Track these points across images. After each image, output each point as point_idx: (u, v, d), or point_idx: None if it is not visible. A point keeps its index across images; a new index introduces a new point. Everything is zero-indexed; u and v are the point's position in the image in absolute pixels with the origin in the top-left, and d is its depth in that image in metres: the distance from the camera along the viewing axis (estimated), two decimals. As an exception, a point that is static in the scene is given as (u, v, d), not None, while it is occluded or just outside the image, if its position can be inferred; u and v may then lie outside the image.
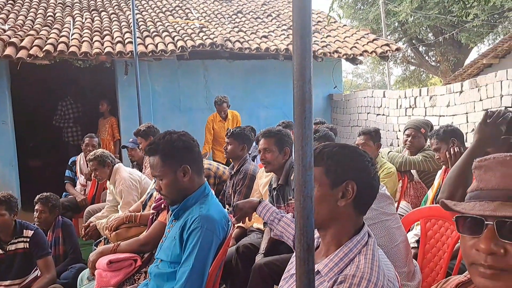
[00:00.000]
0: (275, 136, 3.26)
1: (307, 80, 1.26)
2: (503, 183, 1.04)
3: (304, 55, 1.28)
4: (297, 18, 1.27)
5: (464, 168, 2.12)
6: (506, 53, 15.05)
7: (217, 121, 6.82)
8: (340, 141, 8.17)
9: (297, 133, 1.28)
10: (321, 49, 7.79)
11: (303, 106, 1.26)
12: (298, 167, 1.28)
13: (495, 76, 4.45)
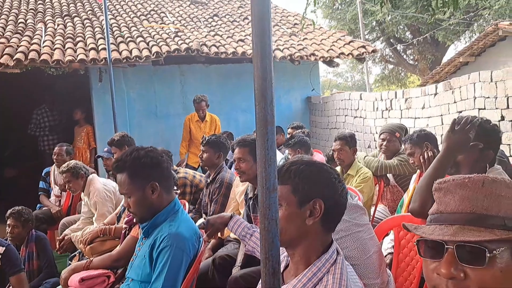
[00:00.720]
0: (250, 145, 3.22)
1: (269, 101, 1.24)
2: (462, 206, 1.03)
3: (265, 76, 1.25)
4: (257, 51, 1.23)
5: (434, 177, 2.12)
6: (482, 51, 15.32)
7: (194, 121, 6.73)
8: (319, 143, 8.19)
9: (260, 155, 1.25)
10: (298, 52, 7.79)
11: (265, 128, 1.23)
12: (262, 190, 1.25)
13: (468, 78, 4.51)
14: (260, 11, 1.22)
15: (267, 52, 1.25)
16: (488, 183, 1.04)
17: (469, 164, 2.21)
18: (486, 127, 2.22)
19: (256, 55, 1.25)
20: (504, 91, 4.02)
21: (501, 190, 1.03)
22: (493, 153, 2.23)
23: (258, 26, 1.24)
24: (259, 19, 1.23)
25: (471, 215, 1.01)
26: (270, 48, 1.26)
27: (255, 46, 1.25)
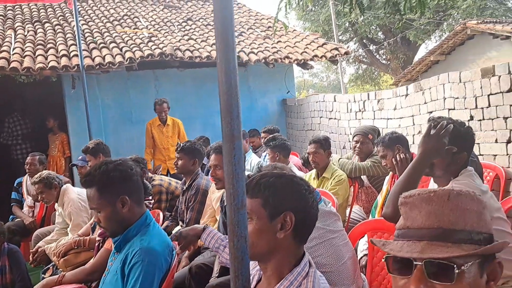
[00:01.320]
0: None
1: (235, 116, 1.24)
2: (428, 221, 1.04)
3: (230, 91, 1.25)
4: (221, 66, 1.23)
5: (408, 182, 2.15)
6: (452, 50, 15.63)
7: (156, 125, 6.66)
8: (296, 145, 8.23)
9: (227, 171, 1.25)
10: (272, 55, 7.82)
11: (232, 144, 1.23)
12: (230, 207, 1.25)
13: (438, 79, 4.59)
14: (224, 27, 1.22)
15: (232, 66, 1.25)
16: (453, 196, 1.05)
17: (442, 167, 2.25)
18: (460, 131, 2.26)
19: (220, 70, 1.25)
20: (472, 91, 4.11)
21: (466, 203, 1.05)
22: (467, 156, 2.27)
23: (221, 40, 1.24)
24: (222, 35, 1.23)
25: (438, 231, 1.02)
26: (235, 62, 1.26)
27: (219, 60, 1.26)
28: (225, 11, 1.22)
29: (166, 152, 6.61)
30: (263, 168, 2.28)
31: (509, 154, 3.84)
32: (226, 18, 1.23)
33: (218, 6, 1.22)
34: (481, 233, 1.03)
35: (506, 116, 3.80)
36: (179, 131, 6.74)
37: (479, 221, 1.04)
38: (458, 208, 1.04)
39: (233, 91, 1.24)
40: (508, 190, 3.88)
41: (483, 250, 0.99)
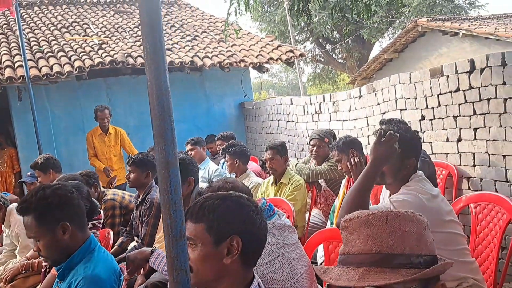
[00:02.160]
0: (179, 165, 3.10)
1: (169, 141, 1.16)
2: (367, 246, 1.01)
3: (163, 115, 1.17)
4: (152, 89, 1.14)
5: (360, 191, 2.14)
6: (404, 47, 16.03)
7: (97, 134, 6.38)
8: (256, 148, 8.19)
9: (164, 201, 1.17)
10: (227, 59, 7.75)
11: (167, 171, 1.15)
12: (168, 238, 1.17)
13: (389, 81, 4.65)
14: (154, 48, 1.14)
15: (164, 88, 1.17)
16: (391, 219, 1.02)
17: (392, 173, 2.25)
18: (406, 137, 2.27)
19: (151, 93, 1.17)
20: (423, 91, 4.17)
21: (404, 225, 1.02)
22: (415, 161, 2.28)
23: (151, 61, 1.16)
24: (152, 55, 1.15)
25: (377, 256, 0.99)
26: (167, 83, 1.18)
27: (149, 82, 1.18)
28: (154, 36, 1.14)
29: (109, 163, 6.35)
30: (214, 183, 2.21)
31: (460, 152, 3.92)
32: (155, 42, 1.15)
33: (145, 31, 1.13)
34: (421, 256, 1.00)
35: (456, 115, 3.88)
36: (123, 141, 6.51)
37: (419, 243, 1.02)
38: (397, 230, 1.01)
39: (166, 114, 1.16)
40: (460, 187, 3.96)
41: (422, 274, 0.97)
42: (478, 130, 3.69)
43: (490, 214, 2.68)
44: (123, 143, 6.48)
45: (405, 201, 2.12)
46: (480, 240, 2.72)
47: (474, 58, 3.67)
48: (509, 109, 3.39)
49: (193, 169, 3.14)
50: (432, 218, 2.14)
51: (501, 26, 13.11)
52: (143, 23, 1.15)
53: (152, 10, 1.15)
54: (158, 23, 1.17)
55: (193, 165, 3.19)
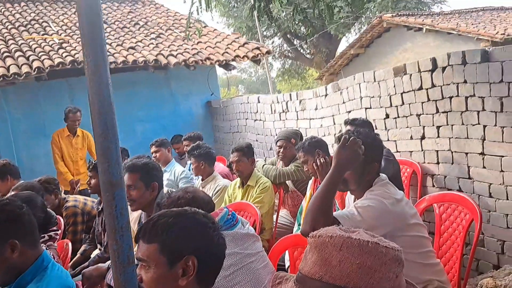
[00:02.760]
0: (141, 170, 2.97)
1: (114, 161, 1.08)
2: (312, 270, 0.96)
3: (106, 133, 1.09)
4: (94, 105, 1.06)
5: (324, 197, 2.09)
6: (370, 43, 16.22)
7: (64, 136, 6.15)
8: (224, 148, 8.10)
9: (109, 226, 1.09)
10: (193, 57, 7.62)
11: (112, 194, 1.08)
12: (115, 264, 1.09)
13: (354, 79, 4.65)
14: (95, 66, 1.06)
15: (106, 105, 1.09)
16: (346, 246, 0.95)
17: (355, 179, 2.23)
18: (368, 141, 2.24)
19: (93, 110, 1.09)
20: (387, 90, 4.19)
21: (358, 257, 0.94)
22: (378, 165, 2.25)
23: (93, 79, 1.07)
24: (94, 72, 1.07)
25: (317, 283, 0.94)
26: (110, 99, 1.10)
27: (91, 98, 1.09)
28: (94, 45, 1.05)
29: (75, 166, 6.15)
30: (173, 193, 2.13)
31: (423, 150, 3.96)
32: (96, 51, 1.06)
33: (85, 40, 1.05)
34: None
35: (419, 113, 3.91)
36: (90, 144, 6.32)
37: (370, 279, 0.92)
38: (347, 261, 0.93)
39: (110, 132, 1.08)
40: (424, 185, 4.00)
41: None
42: (441, 128, 3.73)
43: (454, 214, 2.70)
44: (90, 146, 6.29)
45: (369, 207, 2.09)
46: (444, 239, 2.74)
47: (436, 56, 3.70)
48: (471, 107, 3.43)
49: (157, 174, 3.03)
50: (397, 222, 2.14)
51: (462, 21, 13.41)
52: (83, 34, 1.07)
53: (93, 14, 1.07)
54: (99, 31, 1.09)
55: (156, 169, 3.08)
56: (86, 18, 1.06)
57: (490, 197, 3.41)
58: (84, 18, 1.06)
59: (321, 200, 2.08)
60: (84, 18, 1.06)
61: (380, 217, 2.09)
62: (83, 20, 1.06)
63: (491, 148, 3.33)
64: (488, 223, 3.46)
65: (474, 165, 3.50)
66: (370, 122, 3.96)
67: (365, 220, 2.06)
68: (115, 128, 1.08)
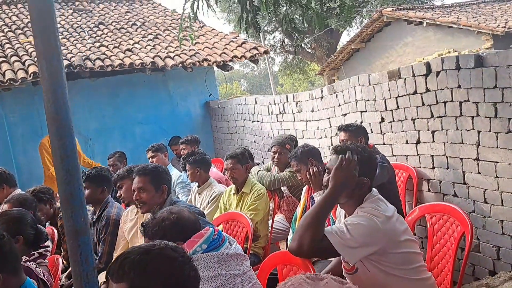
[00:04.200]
0: (151, 173, 3.00)
1: (77, 207, 1.06)
2: None
3: (70, 179, 1.06)
4: (55, 151, 1.04)
5: (316, 217, 2.08)
6: (371, 37, 16.13)
7: None
8: (223, 148, 8.08)
9: (74, 273, 1.07)
10: (190, 58, 7.59)
11: (77, 241, 1.05)
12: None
13: (349, 82, 4.60)
14: (56, 114, 1.03)
15: (69, 150, 1.06)
16: None
17: (346, 193, 2.20)
18: (364, 156, 2.22)
19: (55, 155, 1.06)
20: (381, 94, 4.14)
21: None
22: (369, 181, 2.22)
23: (53, 123, 1.05)
24: (52, 115, 1.04)
25: None
26: (73, 144, 1.07)
27: (53, 144, 1.06)
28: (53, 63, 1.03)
29: None
30: (158, 214, 2.10)
31: (419, 155, 3.92)
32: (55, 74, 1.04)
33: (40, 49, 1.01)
34: None
35: (414, 117, 3.87)
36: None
37: None
38: None
39: (73, 178, 1.05)
40: (420, 189, 3.96)
41: None
42: (436, 133, 3.69)
43: (445, 225, 2.67)
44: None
45: (359, 225, 2.07)
46: (437, 250, 2.71)
47: (430, 61, 3.65)
48: (465, 112, 3.39)
49: (165, 177, 3.06)
50: (387, 240, 2.11)
51: (463, 14, 13.29)
52: (37, 46, 1.03)
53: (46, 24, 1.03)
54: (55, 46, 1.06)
55: (166, 173, 3.10)
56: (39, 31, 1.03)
57: (485, 202, 3.37)
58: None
59: (312, 219, 2.07)
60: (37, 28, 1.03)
61: (370, 236, 2.06)
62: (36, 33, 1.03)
63: (485, 154, 3.29)
64: (484, 228, 3.43)
65: (469, 170, 3.46)
66: (364, 128, 3.92)
67: (354, 238, 2.04)
68: (79, 173, 1.05)
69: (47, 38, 1.02)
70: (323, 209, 2.10)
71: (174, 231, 2.00)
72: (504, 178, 3.18)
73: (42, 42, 1.00)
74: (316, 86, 34.94)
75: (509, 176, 3.13)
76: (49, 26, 1.01)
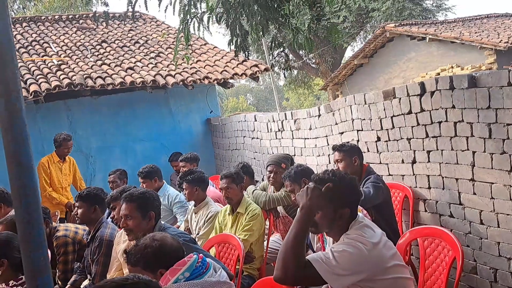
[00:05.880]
0: (138, 200, 2.96)
1: (36, 218, 1.03)
2: None
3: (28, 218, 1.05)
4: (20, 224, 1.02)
5: (294, 241, 2.06)
6: (374, 53, 16.17)
7: (55, 161, 6.09)
8: (223, 164, 8.08)
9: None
10: (191, 76, 7.63)
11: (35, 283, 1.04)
12: None
13: (345, 101, 4.60)
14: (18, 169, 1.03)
15: (29, 190, 1.06)
16: None
17: (326, 224, 2.18)
18: (340, 186, 2.18)
19: (16, 200, 1.05)
20: (377, 113, 4.13)
21: None
22: (350, 211, 2.19)
23: (15, 171, 1.04)
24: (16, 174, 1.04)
25: None
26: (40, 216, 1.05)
27: (10, 176, 1.06)
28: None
29: (64, 192, 6.12)
30: (141, 240, 2.09)
31: (415, 174, 3.89)
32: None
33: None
34: None
35: (409, 137, 3.85)
36: (75, 170, 6.33)
37: None
38: None
39: (33, 217, 1.04)
40: (417, 209, 3.93)
41: None
42: (431, 153, 3.67)
43: (437, 249, 2.64)
44: (75, 172, 6.31)
45: (345, 252, 2.04)
46: (429, 275, 2.67)
47: (424, 81, 3.65)
48: (459, 132, 3.37)
49: (153, 203, 3.02)
50: (374, 267, 2.08)
51: (466, 30, 13.30)
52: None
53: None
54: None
55: (153, 199, 3.06)
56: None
57: (482, 224, 3.33)
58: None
59: (291, 244, 2.05)
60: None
61: (356, 263, 2.03)
62: None
63: (480, 175, 3.26)
64: (480, 250, 3.38)
65: (465, 191, 3.43)
66: (358, 148, 3.90)
67: (340, 265, 2.01)
68: (38, 212, 1.05)
69: (6, 72, 1.01)
70: (299, 232, 2.07)
71: (156, 258, 1.98)
72: (500, 199, 3.14)
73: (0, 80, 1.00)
74: (322, 100, 35.00)
75: (505, 198, 3.10)
76: (7, 58, 1.01)
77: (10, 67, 1.01)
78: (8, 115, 1.01)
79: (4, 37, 1.01)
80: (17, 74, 1.03)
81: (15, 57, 1.03)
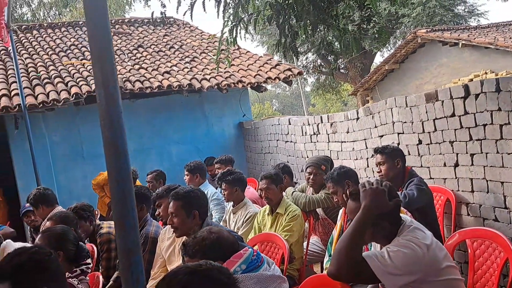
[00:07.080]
0: (183, 199, 3.03)
1: (129, 201, 1.09)
2: None
3: (123, 199, 1.12)
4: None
5: (354, 237, 2.07)
6: (405, 58, 15.99)
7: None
8: (256, 168, 8.12)
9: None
10: (225, 80, 7.73)
11: (129, 260, 1.10)
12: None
13: (385, 104, 4.59)
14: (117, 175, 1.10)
15: (124, 173, 1.12)
16: None
17: (369, 238, 2.22)
18: None
19: (111, 180, 1.12)
20: (419, 116, 4.11)
21: None
22: (389, 224, 2.19)
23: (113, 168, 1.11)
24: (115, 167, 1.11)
25: None
26: (128, 169, 1.13)
27: (108, 160, 1.12)
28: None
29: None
30: (199, 233, 2.15)
31: (457, 178, 3.85)
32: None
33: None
34: None
35: (452, 140, 3.81)
36: None
37: None
38: None
39: (127, 199, 1.11)
40: (459, 213, 3.88)
41: None
42: (475, 156, 3.63)
43: (488, 251, 2.61)
44: None
45: (400, 252, 2.05)
46: (478, 277, 2.64)
47: (468, 83, 3.61)
48: (506, 135, 3.32)
49: (198, 202, 3.06)
50: (428, 268, 2.07)
51: (500, 35, 13.04)
52: (95, 73, 1.09)
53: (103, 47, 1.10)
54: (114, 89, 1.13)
55: (199, 198, 3.10)
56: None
57: (529, 228, 3.28)
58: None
59: (347, 242, 2.06)
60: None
61: (410, 263, 2.03)
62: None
63: (528, 178, 3.21)
64: (527, 255, 3.32)
65: (511, 194, 3.37)
66: (401, 150, 3.89)
67: (394, 265, 2.01)
68: (132, 195, 1.11)
69: (104, 66, 1.08)
70: (358, 230, 2.08)
71: (214, 250, 2.03)
72: (548, 203, 3.08)
73: (99, 69, 1.07)
74: (349, 106, 34.71)
75: (554, 202, 3.04)
76: (106, 54, 1.08)
77: (108, 60, 1.08)
78: (106, 103, 1.08)
79: (104, 33, 1.08)
80: (114, 67, 1.09)
81: (112, 52, 1.10)
